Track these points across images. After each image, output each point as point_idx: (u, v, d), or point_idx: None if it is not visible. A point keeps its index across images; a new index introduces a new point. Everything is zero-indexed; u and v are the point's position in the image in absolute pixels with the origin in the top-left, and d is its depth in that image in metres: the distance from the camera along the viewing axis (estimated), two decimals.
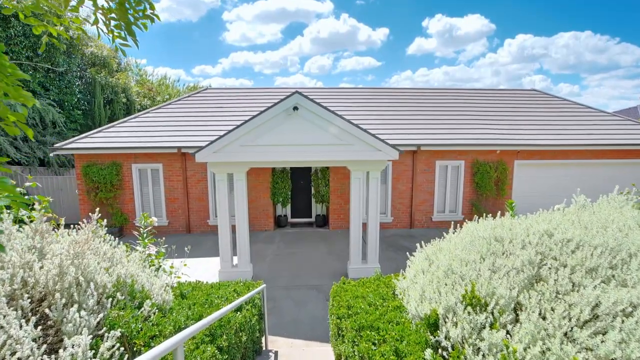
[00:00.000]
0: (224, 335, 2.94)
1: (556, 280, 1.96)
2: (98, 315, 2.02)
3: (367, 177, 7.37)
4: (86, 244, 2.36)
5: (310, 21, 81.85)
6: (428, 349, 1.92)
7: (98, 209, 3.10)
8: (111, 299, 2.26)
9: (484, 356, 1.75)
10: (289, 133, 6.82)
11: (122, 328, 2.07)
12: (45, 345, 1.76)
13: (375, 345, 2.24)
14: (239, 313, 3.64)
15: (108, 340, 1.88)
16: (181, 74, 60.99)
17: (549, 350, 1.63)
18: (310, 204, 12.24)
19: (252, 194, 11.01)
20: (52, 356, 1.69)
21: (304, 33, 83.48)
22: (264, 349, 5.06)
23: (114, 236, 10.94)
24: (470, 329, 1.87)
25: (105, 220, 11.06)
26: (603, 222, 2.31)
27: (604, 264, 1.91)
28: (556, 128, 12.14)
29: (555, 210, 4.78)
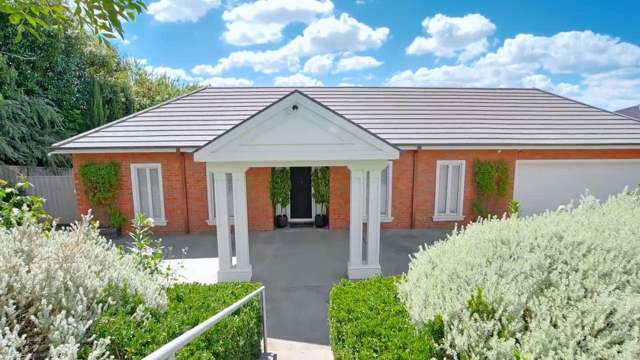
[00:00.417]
0: (221, 341, 2.85)
1: (567, 286, 1.86)
2: (87, 322, 1.93)
3: (368, 177, 7.28)
4: (76, 247, 2.27)
5: (310, 21, 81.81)
6: (433, 358, 1.83)
7: (90, 210, 3.01)
8: (102, 304, 2.17)
9: None
10: (288, 132, 6.73)
11: (113, 335, 1.99)
12: (31, 354, 1.67)
13: (376, 352, 2.15)
14: (236, 316, 3.55)
15: (97, 348, 1.80)
16: (181, 73, 60.92)
17: None
18: (310, 203, 12.16)
19: (252, 193, 10.93)
20: None
21: (304, 33, 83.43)
22: (262, 351, 4.97)
23: (112, 237, 10.77)
24: (477, 337, 1.78)
25: (104, 220, 10.91)
26: (614, 224, 2.22)
27: (618, 268, 1.82)
28: (558, 127, 12.04)
29: (561, 210, 4.69)
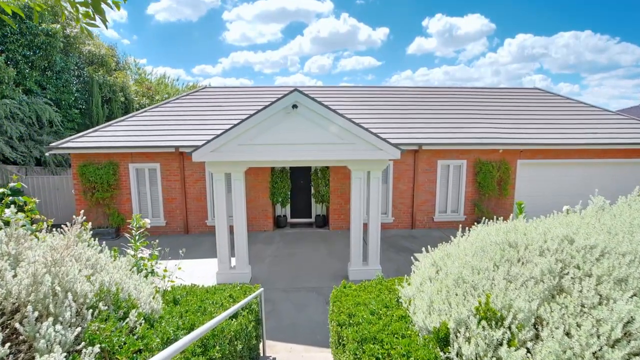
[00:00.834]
0: (217, 346, 2.76)
1: (580, 292, 1.77)
2: (76, 329, 1.84)
3: (368, 177, 7.20)
4: (67, 250, 2.18)
5: (310, 21, 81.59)
6: None
7: (84, 211, 2.92)
8: (92, 309, 2.08)
9: None
10: (288, 132, 6.64)
11: (103, 342, 1.90)
12: None
13: None
14: (234, 320, 3.46)
15: (86, 357, 1.71)
16: (181, 73, 60.86)
17: None
18: (310, 204, 12.06)
19: (251, 193, 10.83)
20: None
21: (304, 33, 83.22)
22: (262, 355, 4.88)
23: (110, 237, 10.66)
24: (485, 346, 1.69)
25: (102, 220, 10.81)
26: (628, 227, 2.13)
27: (635, 274, 1.72)
28: (560, 127, 11.95)
29: (566, 211, 4.59)
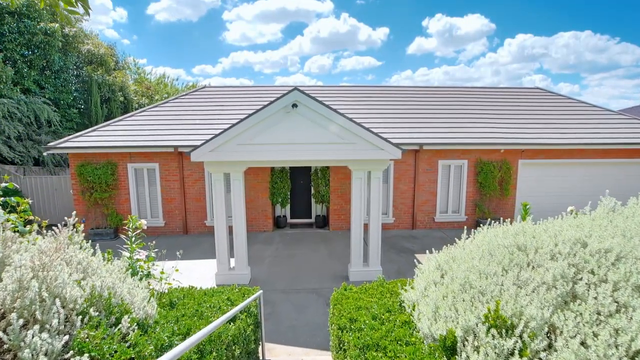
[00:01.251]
0: (214, 352, 2.67)
1: (596, 299, 1.68)
2: (64, 337, 1.75)
3: (369, 177, 7.11)
4: (56, 253, 2.09)
5: (310, 21, 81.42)
6: None
7: (75, 212, 2.82)
8: (82, 316, 1.99)
9: None
10: (287, 131, 6.55)
11: (93, 351, 1.81)
12: None
13: None
14: (232, 324, 3.37)
15: None
16: (181, 73, 60.78)
17: None
18: (310, 204, 11.97)
19: (251, 194, 10.74)
20: None
21: (304, 33, 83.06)
22: (261, 358, 4.79)
23: (109, 238, 10.58)
24: (495, 356, 1.60)
25: (101, 221, 10.72)
26: None
27: None
28: (561, 127, 11.86)
29: (571, 211, 4.50)
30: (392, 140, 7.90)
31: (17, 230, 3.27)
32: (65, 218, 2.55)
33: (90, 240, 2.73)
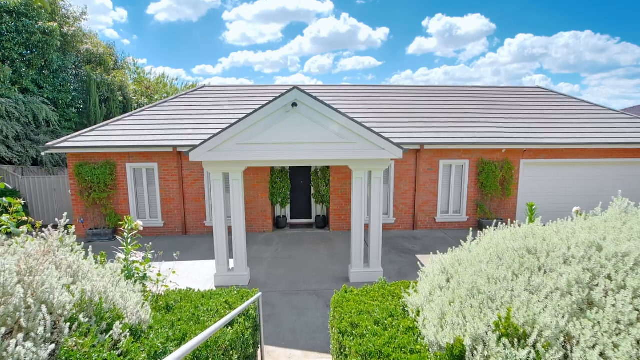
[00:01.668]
0: (210, 358, 2.58)
1: (614, 307, 1.59)
2: (50, 346, 1.66)
3: (369, 177, 7.02)
4: (44, 256, 2.00)
5: (310, 21, 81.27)
6: None
7: (66, 214, 2.73)
8: (71, 323, 1.89)
9: None
10: (287, 131, 6.46)
11: None
12: None
13: None
14: (230, 328, 3.27)
15: None
16: (181, 73, 60.70)
17: None
18: (310, 204, 11.88)
19: (250, 194, 10.65)
20: None
21: (304, 33, 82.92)
22: None
23: (107, 238, 10.50)
24: None
25: (99, 221, 10.64)
26: None
27: None
28: (563, 126, 11.76)
29: (575, 212, 4.40)
30: (393, 140, 7.81)
31: (10, 232, 3.18)
32: (56, 219, 2.46)
33: (88, 241, 2.65)
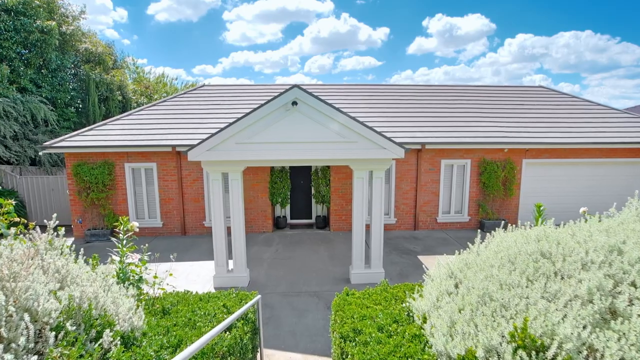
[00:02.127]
0: None
1: None
2: (32, 357, 1.55)
3: (370, 177, 6.90)
4: (30, 260, 1.89)
5: (310, 21, 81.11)
6: None
7: (55, 215, 2.62)
8: (57, 331, 1.78)
9: None
10: (287, 130, 6.35)
11: None
12: None
13: None
14: (228, 333, 3.17)
15: None
16: (182, 73, 60.57)
17: None
18: (311, 204, 11.76)
19: (250, 194, 10.54)
20: None
21: (304, 33, 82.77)
22: None
23: (105, 238, 10.39)
24: None
25: (97, 222, 10.53)
26: None
27: None
28: (566, 125, 11.64)
29: (582, 213, 4.29)
30: (394, 140, 7.70)
31: (0, 233, 3.07)
32: (45, 221, 2.35)
33: (87, 242, 2.53)
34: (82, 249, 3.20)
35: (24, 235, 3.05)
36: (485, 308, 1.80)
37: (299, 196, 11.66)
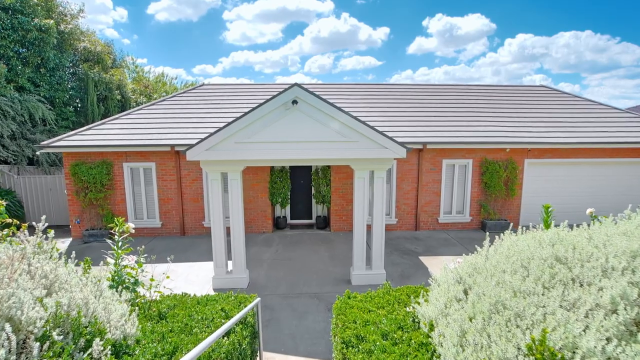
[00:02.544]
0: None
1: None
2: None
3: (372, 177, 6.80)
4: (13, 266, 1.78)
5: (310, 20, 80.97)
6: None
7: (45, 217, 2.51)
8: (42, 341, 1.68)
9: None
10: (287, 129, 6.24)
11: None
12: None
13: None
14: (226, 338, 3.06)
15: None
16: (182, 73, 60.50)
17: None
18: (311, 204, 11.66)
19: (250, 194, 10.43)
20: None
21: (305, 32, 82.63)
22: None
23: (104, 239, 10.27)
24: None
25: (96, 222, 10.41)
26: None
27: None
28: (568, 125, 11.54)
29: (589, 214, 4.18)
30: (396, 139, 7.59)
31: None
32: (34, 223, 2.25)
33: (85, 242, 2.43)
34: (79, 250, 3.10)
35: (16, 237, 2.94)
36: (498, 317, 1.69)
37: (299, 196, 11.55)
